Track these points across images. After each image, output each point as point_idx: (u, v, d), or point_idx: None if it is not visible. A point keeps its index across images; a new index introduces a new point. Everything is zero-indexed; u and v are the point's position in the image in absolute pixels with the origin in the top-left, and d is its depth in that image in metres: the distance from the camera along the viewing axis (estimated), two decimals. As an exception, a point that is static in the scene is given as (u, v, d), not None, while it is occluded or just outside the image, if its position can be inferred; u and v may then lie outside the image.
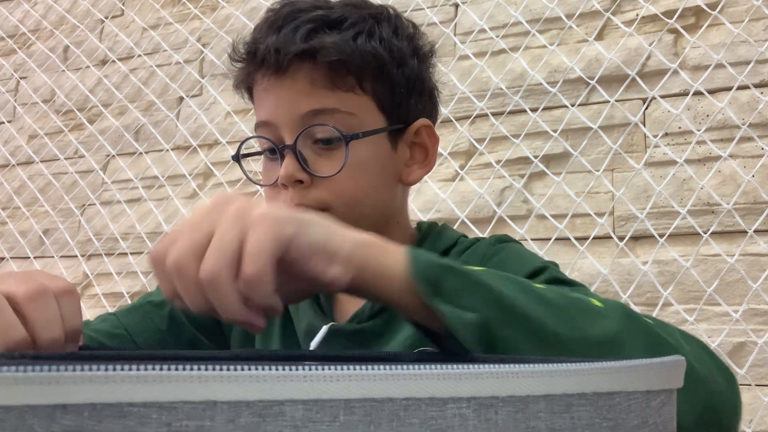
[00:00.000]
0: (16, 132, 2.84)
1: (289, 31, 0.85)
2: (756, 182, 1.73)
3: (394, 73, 0.89)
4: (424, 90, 0.94)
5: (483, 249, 0.92)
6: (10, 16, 3.00)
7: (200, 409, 0.34)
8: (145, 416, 0.33)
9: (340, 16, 0.87)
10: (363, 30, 0.87)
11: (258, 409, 0.35)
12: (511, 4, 2.13)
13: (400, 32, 0.91)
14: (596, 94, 1.97)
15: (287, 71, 0.86)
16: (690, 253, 1.76)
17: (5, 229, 2.73)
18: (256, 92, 0.91)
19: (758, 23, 1.84)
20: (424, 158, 0.95)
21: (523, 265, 0.86)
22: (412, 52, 0.92)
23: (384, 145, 0.90)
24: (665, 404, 0.48)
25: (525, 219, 1.95)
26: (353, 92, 0.87)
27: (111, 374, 0.33)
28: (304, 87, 0.85)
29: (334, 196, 0.85)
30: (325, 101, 0.85)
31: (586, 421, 0.45)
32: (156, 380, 0.33)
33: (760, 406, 1.63)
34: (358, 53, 0.86)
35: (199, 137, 2.47)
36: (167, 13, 2.67)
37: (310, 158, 0.85)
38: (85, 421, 0.32)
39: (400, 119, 0.91)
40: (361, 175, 0.87)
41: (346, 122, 0.86)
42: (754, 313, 1.69)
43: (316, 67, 0.85)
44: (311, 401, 0.36)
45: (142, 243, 2.46)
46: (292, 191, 0.85)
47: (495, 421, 0.43)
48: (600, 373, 0.46)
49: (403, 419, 0.39)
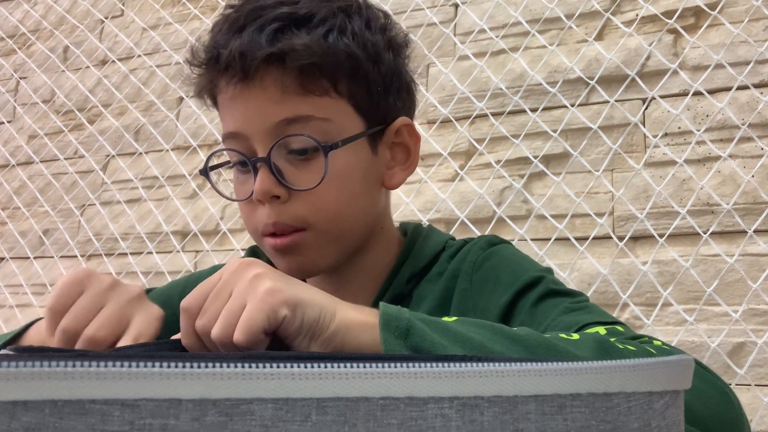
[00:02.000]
0: (16, 132, 2.84)
1: (254, 32, 0.78)
2: (756, 182, 1.72)
3: (369, 71, 0.83)
4: (401, 85, 0.89)
5: (473, 255, 0.88)
6: (10, 16, 3.00)
7: (164, 408, 0.33)
8: (108, 414, 0.32)
9: (308, 12, 0.80)
10: (334, 26, 0.80)
11: (225, 407, 0.34)
12: (511, 4, 2.12)
13: (372, 24, 0.85)
14: (596, 95, 1.96)
15: (254, 77, 0.79)
16: (690, 253, 1.75)
17: (5, 229, 2.73)
18: (221, 101, 0.84)
19: (758, 23, 1.83)
20: (406, 158, 0.90)
21: (517, 276, 0.83)
22: (387, 44, 0.86)
23: (364, 150, 0.84)
24: (670, 406, 0.46)
25: (525, 219, 1.94)
26: (328, 96, 0.80)
27: (70, 370, 0.32)
28: (274, 94, 0.79)
29: (313, 212, 0.80)
30: (298, 108, 0.79)
31: (581, 423, 0.43)
32: (117, 377, 0.33)
33: (759, 406, 1.62)
34: (330, 54, 0.79)
35: (199, 137, 2.46)
36: (167, 14, 2.67)
37: (285, 170, 0.80)
38: (46, 418, 0.32)
39: (379, 120, 0.86)
40: (342, 186, 0.82)
41: (322, 129, 0.80)
42: (754, 313, 1.68)
43: (286, 72, 0.78)
44: (281, 400, 0.35)
45: (142, 243, 2.46)
46: (269, 208, 0.80)
47: (480, 422, 0.41)
48: (595, 372, 0.44)
49: (380, 420, 0.38)
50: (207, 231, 2.36)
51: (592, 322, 0.72)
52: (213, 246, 2.33)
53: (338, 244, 0.84)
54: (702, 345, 1.70)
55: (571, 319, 0.74)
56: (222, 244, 2.34)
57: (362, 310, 0.59)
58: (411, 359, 0.40)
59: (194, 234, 2.37)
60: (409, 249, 0.91)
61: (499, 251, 0.89)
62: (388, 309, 0.58)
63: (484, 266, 0.86)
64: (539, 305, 0.79)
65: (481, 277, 0.86)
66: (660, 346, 0.64)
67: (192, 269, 2.34)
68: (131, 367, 0.33)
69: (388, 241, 0.92)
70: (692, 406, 0.60)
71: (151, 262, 2.43)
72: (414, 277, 0.89)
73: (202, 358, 0.35)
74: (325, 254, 0.83)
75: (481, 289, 0.85)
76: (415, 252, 0.91)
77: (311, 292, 0.58)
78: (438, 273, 0.89)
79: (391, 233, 0.93)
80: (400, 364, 0.39)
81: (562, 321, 0.74)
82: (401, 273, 0.89)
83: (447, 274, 0.88)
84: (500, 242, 0.92)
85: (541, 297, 0.80)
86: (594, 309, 0.77)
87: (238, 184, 0.85)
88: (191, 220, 2.38)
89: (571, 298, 0.80)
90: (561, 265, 1.86)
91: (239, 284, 0.57)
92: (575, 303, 0.78)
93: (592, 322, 0.72)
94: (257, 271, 0.58)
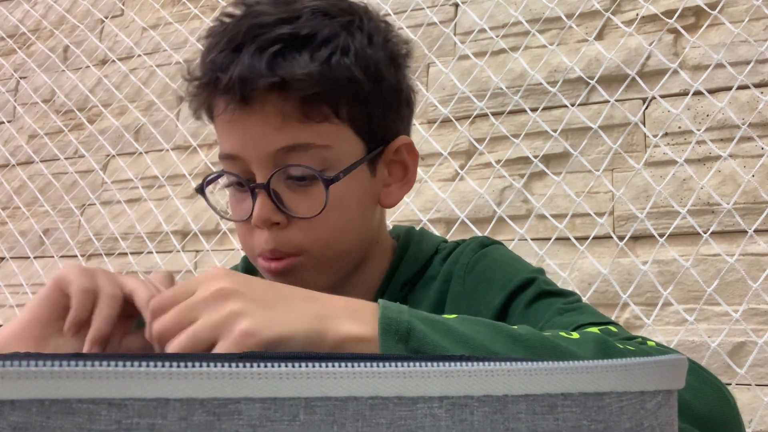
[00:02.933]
0: (16, 132, 2.84)
1: (253, 54, 0.76)
2: (756, 182, 1.72)
3: (371, 92, 0.80)
4: (401, 101, 0.86)
5: (465, 258, 0.87)
6: (10, 16, 3.00)
7: (152, 407, 0.33)
8: (95, 413, 0.32)
9: (310, 32, 0.77)
10: (336, 48, 0.77)
11: (212, 407, 0.34)
12: (511, 4, 2.12)
13: (374, 39, 0.82)
14: (596, 94, 1.96)
15: (254, 103, 0.77)
16: (690, 253, 1.75)
17: (5, 229, 2.73)
18: (218, 121, 0.81)
19: (758, 23, 1.83)
20: (403, 176, 0.88)
21: (509, 277, 0.82)
22: (389, 60, 0.83)
23: (363, 173, 0.83)
24: (663, 406, 0.46)
25: (525, 219, 1.94)
26: (328, 122, 0.78)
27: (57, 370, 0.32)
28: (274, 121, 0.77)
29: (310, 240, 0.79)
30: (298, 136, 0.77)
31: (572, 423, 0.43)
32: (104, 376, 0.32)
33: (759, 406, 1.62)
34: (332, 80, 0.77)
35: (199, 137, 2.46)
36: (167, 13, 2.67)
37: (285, 196, 0.78)
38: (33, 417, 0.32)
39: (379, 140, 0.84)
40: (340, 213, 0.80)
41: (322, 157, 0.78)
42: (754, 313, 1.68)
43: (287, 99, 0.76)
44: (269, 400, 0.35)
45: (142, 243, 2.46)
46: (267, 233, 0.78)
47: (470, 422, 0.41)
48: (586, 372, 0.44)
49: (369, 419, 0.38)
50: (207, 231, 2.37)
51: (587, 323, 0.71)
52: (213, 246, 2.33)
53: (333, 267, 0.83)
54: (702, 345, 1.70)
55: (566, 320, 0.74)
56: (222, 243, 2.35)
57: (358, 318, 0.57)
58: (400, 359, 0.40)
59: (194, 234, 2.37)
60: (402, 255, 0.91)
61: (491, 253, 0.88)
62: (388, 311, 0.57)
63: (476, 268, 0.86)
64: (532, 306, 0.79)
65: (474, 279, 0.85)
66: (654, 347, 0.64)
67: (192, 269, 2.34)
68: (118, 367, 0.33)
69: (383, 251, 0.91)
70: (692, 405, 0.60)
71: (151, 261, 2.43)
72: (408, 282, 0.89)
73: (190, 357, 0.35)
74: (319, 278, 0.82)
75: (474, 291, 0.84)
76: (408, 257, 0.90)
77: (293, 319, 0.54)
78: (431, 277, 0.89)
79: (385, 244, 0.92)
80: (389, 364, 0.39)
81: (556, 322, 0.74)
82: (395, 280, 0.89)
83: (440, 278, 0.88)
84: (491, 243, 0.91)
85: (534, 298, 0.79)
86: (587, 309, 0.77)
87: (234, 203, 0.83)
88: (191, 219, 2.38)
89: (564, 298, 0.79)
90: (561, 265, 1.86)
91: (213, 315, 0.54)
92: (568, 303, 0.78)
93: (587, 323, 0.71)
94: (235, 308, 0.54)
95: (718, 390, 0.65)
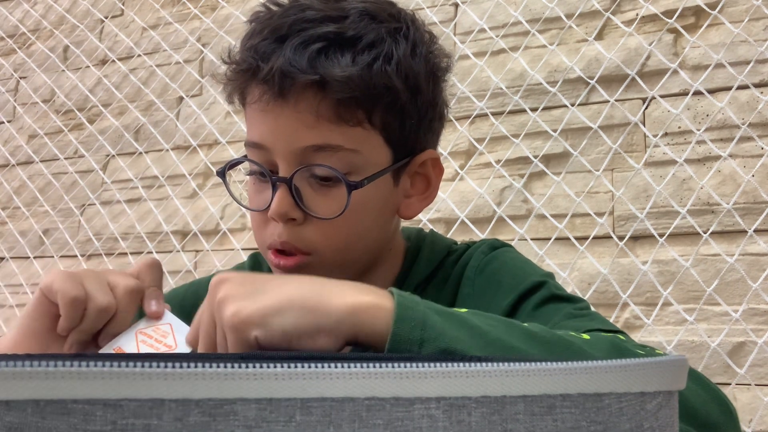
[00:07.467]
0: (16, 132, 2.84)
1: (296, 48, 0.75)
2: (756, 182, 1.72)
3: (407, 103, 0.79)
4: (435, 116, 0.85)
5: (476, 260, 0.87)
6: (10, 16, 3.00)
7: (147, 408, 0.33)
8: (90, 413, 0.32)
9: (355, 35, 0.77)
10: (379, 54, 0.77)
11: (207, 408, 0.34)
12: (511, 4, 2.12)
13: (418, 50, 0.81)
14: (596, 94, 1.95)
15: (290, 97, 0.76)
16: (690, 253, 1.75)
17: (5, 229, 2.73)
18: (251, 109, 0.80)
19: (758, 23, 1.83)
20: (425, 189, 0.87)
21: (519, 280, 0.82)
22: (429, 73, 0.82)
23: (386, 182, 0.82)
24: (663, 407, 0.46)
25: (525, 219, 1.94)
26: (360, 126, 0.77)
27: (52, 370, 0.32)
28: (307, 118, 0.76)
29: (324, 241, 0.78)
30: (329, 137, 0.76)
31: (571, 423, 0.43)
32: (99, 377, 0.32)
33: (759, 405, 1.62)
34: (371, 86, 0.76)
35: (199, 137, 2.46)
36: (167, 13, 2.67)
37: (305, 193, 0.78)
38: (28, 417, 0.32)
39: (407, 151, 0.83)
40: (358, 219, 0.79)
41: (349, 160, 0.77)
42: (754, 313, 1.68)
43: (324, 97, 0.75)
44: (265, 400, 0.35)
45: (142, 243, 2.46)
46: (282, 228, 0.78)
47: (468, 422, 0.41)
48: (585, 373, 0.44)
49: (365, 420, 0.38)
50: (207, 231, 2.36)
51: (595, 329, 0.70)
52: (213, 246, 2.33)
53: (342, 271, 0.81)
54: (702, 345, 1.70)
55: (574, 324, 0.73)
56: (222, 243, 2.34)
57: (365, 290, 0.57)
58: (396, 359, 0.40)
59: (194, 234, 2.37)
60: (414, 257, 0.90)
61: (501, 255, 0.88)
62: (403, 299, 0.56)
63: (486, 270, 0.85)
64: (541, 309, 0.78)
65: (484, 281, 0.85)
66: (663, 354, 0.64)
67: (192, 269, 2.34)
68: (113, 367, 0.33)
69: (395, 255, 0.90)
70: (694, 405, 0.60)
71: (151, 261, 2.42)
72: (421, 284, 0.89)
73: (185, 358, 0.35)
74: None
75: (484, 293, 0.84)
76: (421, 260, 0.90)
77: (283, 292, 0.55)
78: (443, 279, 0.89)
79: (398, 248, 0.91)
80: (386, 364, 0.39)
81: (564, 326, 0.73)
82: (408, 283, 0.88)
83: (451, 279, 0.88)
84: (502, 246, 0.91)
85: (543, 301, 0.79)
86: (596, 317, 0.76)
87: (253, 192, 0.83)
88: (191, 219, 2.38)
89: (574, 304, 0.79)
90: (561, 265, 1.86)
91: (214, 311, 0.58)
92: (578, 309, 0.77)
93: (595, 329, 0.70)
94: (221, 294, 0.57)
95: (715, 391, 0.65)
